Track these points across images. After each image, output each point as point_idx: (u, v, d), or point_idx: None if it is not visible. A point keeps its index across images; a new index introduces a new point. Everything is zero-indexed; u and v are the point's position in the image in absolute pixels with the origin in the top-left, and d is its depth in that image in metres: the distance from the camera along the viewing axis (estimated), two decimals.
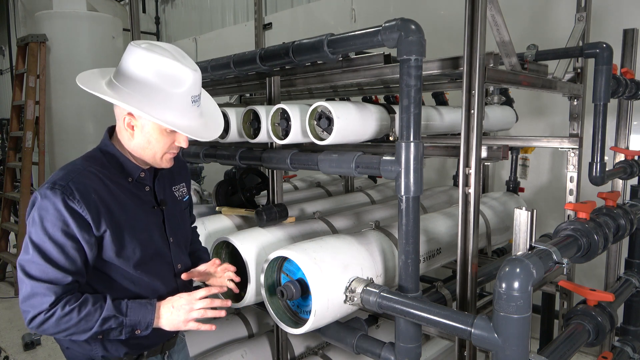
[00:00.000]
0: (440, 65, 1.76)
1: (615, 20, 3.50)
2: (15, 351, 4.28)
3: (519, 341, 1.26)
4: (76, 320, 1.40)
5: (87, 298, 1.44)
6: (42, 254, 1.40)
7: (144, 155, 1.57)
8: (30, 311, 1.39)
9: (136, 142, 1.54)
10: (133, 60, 1.48)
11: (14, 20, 10.41)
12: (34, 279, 1.39)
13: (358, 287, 1.65)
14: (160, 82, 1.47)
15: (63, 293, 1.40)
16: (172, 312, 1.52)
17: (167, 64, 1.48)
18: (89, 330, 1.42)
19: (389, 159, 1.57)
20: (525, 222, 1.50)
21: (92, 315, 1.42)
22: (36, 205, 1.44)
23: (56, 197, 1.41)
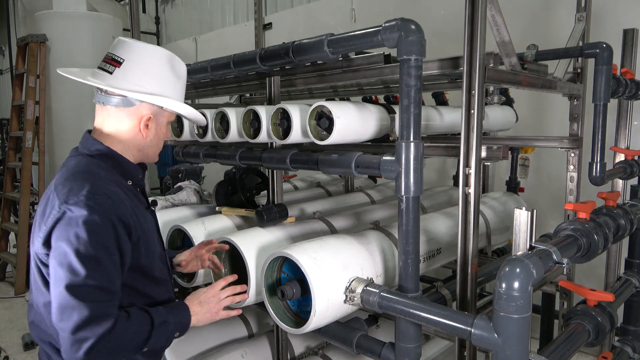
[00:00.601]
0: (440, 65, 1.76)
1: (615, 20, 3.50)
2: (15, 351, 4.28)
3: (519, 341, 1.26)
4: (133, 334, 1.34)
5: (129, 311, 1.37)
6: (98, 269, 1.28)
7: (152, 152, 1.56)
8: (89, 338, 1.25)
9: (149, 140, 1.53)
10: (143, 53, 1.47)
11: (14, 20, 10.41)
12: (92, 300, 1.26)
13: (358, 287, 1.65)
14: (175, 72, 1.50)
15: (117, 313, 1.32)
16: (202, 307, 1.55)
17: (171, 56, 1.50)
18: (142, 342, 1.37)
19: (389, 159, 1.57)
20: (525, 222, 1.50)
21: (142, 325, 1.37)
22: (73, 219, 1.29)
23: (101, 207, 1.32)
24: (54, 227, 1.32)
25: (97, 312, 1.26)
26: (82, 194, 1.32)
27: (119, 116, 1.49)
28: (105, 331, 1.26)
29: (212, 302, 1.57)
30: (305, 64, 2.03)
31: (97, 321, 1.26)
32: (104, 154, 1.49)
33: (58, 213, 1.32)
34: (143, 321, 1.37)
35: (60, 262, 1.29)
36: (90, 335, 1.25)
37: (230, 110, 2.19)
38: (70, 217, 1.30)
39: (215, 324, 2.80)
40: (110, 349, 1.29)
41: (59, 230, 1.31)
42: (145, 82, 1.47)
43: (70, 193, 1.33)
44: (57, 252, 1.30)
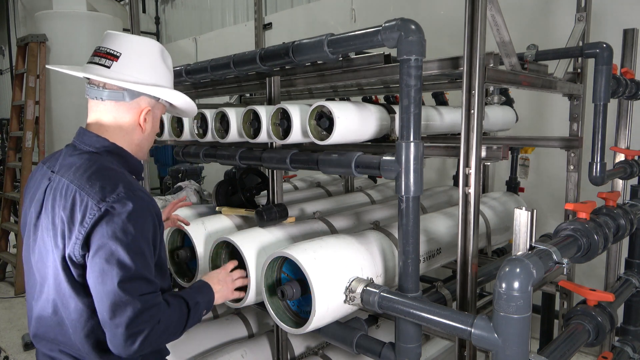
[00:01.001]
0: (440, 65, 1.76)
1: (615, 20, 3.50)
2: (15, 351, 4.28)
3: (519, 341, 1.26)
4: (176, 320, 1.41)
5: (167, 298, 1.42)
6: (144, 262, 1.32)
7: (147, 146, 1.58)
8: (144, 329, 1.29)
9: (147, 134, 1.54)
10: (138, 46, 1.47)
11: (14, 20, 10.41)
12: (142, 293, 1.30)
13: (358, 287, 1.65)
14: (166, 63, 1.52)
15: None
16: (221, 285, 1.68)
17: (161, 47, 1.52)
18: (183, 325, 1.44)
19: (389, 159, 1.57)
20: (525, 222, 1.50)
21: (182, 309, 1.44)
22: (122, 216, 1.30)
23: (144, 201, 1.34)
24: (95, 227, 1.31)
25: (147, 304, 1.31)
26: (120, 190, 1.33)
27: (119, 110, 1.48)
28: (156, 321, 1.32)
29: (227, 281, 1.72)
30: (305, 64, 2.03)
31: (149, 312, 1.31)
32: (110, 150, 1.47)
33: (98, 212, 1.31)
34: (181, 305, 1.44)
35: (108, 260, 1.29)
36: (145, 327, 1.29)
37: (230, 110, 2.19)
38: (114, 214, 1.30)
39: (215, 324, 2.82)
40: (160, 336, 1.35)
41: (103, 228, 1.30)
42: (145, 75, 1.48)
43: (104, 191, 1.32)
44: (104, 250, 1.29)
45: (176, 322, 1.41)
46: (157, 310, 1.33)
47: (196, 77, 2.47)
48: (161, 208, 2.71)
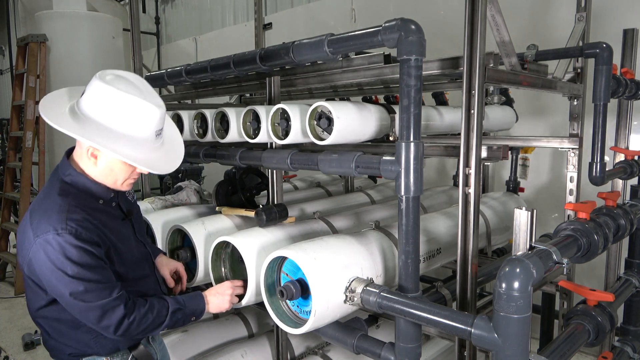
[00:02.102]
0: (440, 65, 1.76)
1: (615, 20, 3.50)
2: (15, 351, 4.28)
3: (519, 341, 1.26)
4: (151, 320, 1.62)
5: (152, 300, 1.65)
6: (90, 281, 1.51)
7: (106, 181, 1.64)
8: (111, 325, 1.55)
9: (99, 170, 1.61)
10: (98, 94, 1.51)
11: (14, 20, 10.40)
12: (97, 301, 1.52)
13: (358, 287, 1.65)
14: (124, 119, 1.52)
15: (126, 299, 1.58)
16: (217, 297, 1.83)
17: (133, 101, 1.52)
18: (161, 324, 1.66)
19: (389, 159, 1.57)
20: (525, 222, 1.50)
21: (161, 311, 1.65)
22: (53, 252, 1.49)
23: (67, 239, 1.49)
24: (32, 259, 1.53)
25: (105, 308, 1.53)
26: (50, 228, 1.49)
27: (78, 141, 1.61)
28: (121, 316, 1.55)
29: (225, 295, 1.85)
30: (305, 64, 2.03)
31: (109, 313, 1.54)
32: (72, 180, 1.62)
33: (32, 246, 1.51)
34: (160, 309, 1.65)
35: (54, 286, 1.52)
36: (111, 324, 1.55)
37: (230, 110, 2.19)
38: (45, 251, 1.49)
39: (216, 324, 2.82)
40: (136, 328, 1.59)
41: (40, 261, 1.51)
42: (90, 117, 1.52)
43: (39, 226, 1.51)
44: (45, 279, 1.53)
45: (152, 321, 1.63)
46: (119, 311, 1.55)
47: (196, 77, 2.47)
48: (161, 208, 2.73)
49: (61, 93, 1.66)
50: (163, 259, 2.08)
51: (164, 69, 2.71)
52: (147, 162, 1.58)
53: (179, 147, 1.80)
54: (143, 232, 1.93)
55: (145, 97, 1.55)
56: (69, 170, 1.62)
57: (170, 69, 2.64)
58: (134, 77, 1.60)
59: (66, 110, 1.56)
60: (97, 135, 1.50)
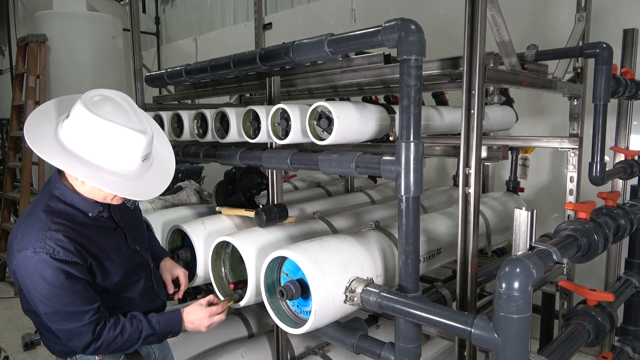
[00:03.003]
0: (440, 65, 1.76)
1: (615, 20, 3.50)
2: (15, 351, 4.28)
3: (519, 341, 1.26)
4: (121, 343, 1.63)
5: (125, 323, 1.64)
6: (61, 304, 1.52)
7: (95, 197, 1.64)
8: (78, 347, 1.59)
9: (87, 188, 1.61)
10: (82, 124, 1.48)
11: (14, 20, 10.39)
12: (66, 325, 1.55)
13: (358, 287, 1.65)
14: (109, 154, 1.50)
15: (97, 323, 1.58)
16: (194, 324, 1.79)
17: (118, 133, 1.48)
18: (133, 346, 1.67)
19: (389, 159, 1.57)
20: (525, 222, 1.50)
21: (133, 335, 1.65)
22: (29, 269, 1.50)
23: (43, 258, 1.49)
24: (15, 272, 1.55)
25: (73, 333, 1.57)
26: (29, 246, 1.50)
27: None
28: (87, 342, 1.57)
29: (203, 324, 1.81)
30: (305, 64, 2.03)
31: (76, 338, 1.57)
32: (60, 195, 1.62)
33: (15, 262, 1.54)
34: (131, 332, 1.64)
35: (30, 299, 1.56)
36: (78, 345, 1.59)
37: (230, 110, 2.19)
38: (23, 267, 1.51)
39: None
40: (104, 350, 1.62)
41: (19, 277, 1.54)
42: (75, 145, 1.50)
43: (21, 243, 1.53)
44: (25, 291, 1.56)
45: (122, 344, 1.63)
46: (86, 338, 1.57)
47: (196, 77, 2.47)
48: (161, 208, 2.73)
49: (48, 108, 1.62)
50: (167, 262, 2.06)
51: (164, 69, 2.71)
52: (131, 190, 1.55)
53: (168, 167, 1.74)
54: (140, 239, 1.88)
55: (131, 123, 1.50)
56: (58, 184, 1.63)
57: (170, 69, 2.64)
58: (121, 97, 1.56)
59: (51, 133, 1.53)
60: (80, 164, 1.49)
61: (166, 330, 1.73)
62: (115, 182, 1.52)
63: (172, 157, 1.79)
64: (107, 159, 1.50)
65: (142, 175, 1.59)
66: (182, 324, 1.78)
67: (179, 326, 1.77)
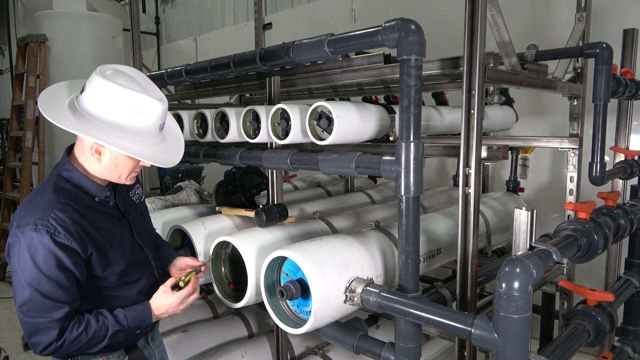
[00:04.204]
0: (440, 65, 1.76)
1: (615, 20, 3.50)
2: (15, 351, 4.28)
3: (519, 341, 1.26)
4: (85, 341, 1.53)
5: (89, 320, 1.55)
6: (39, 293, 1.46)
7: (110, 176, 1.63)
8: (39, 344, 1.49)
9: (103, 165, 1.59)
10: (100, 91, 1.50)
11: (14, 20, 10.39)
12: (35, 317, 1.47)
13: (358, 287, 1.65)
14: (127, 114, 1.51)
15: (64, 322, 1.50)
16: (168, 309, 1.68)
17: (135, 97, 1.51)
18: (98, 344, 1.56)
19: (389, 159, 1.57)
20: (525, 222, 1.50)
21: (98, 333, 1.55)
22: (22, 247, 1.46)
23: (43, 236, 1.46)
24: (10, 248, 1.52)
25: (39, 327, 1.48)
26: (29, 222, 1.47)
27: (80, 138, 1.59)
28: (51, 341, 1.48)
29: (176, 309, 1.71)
30: (305, 64, 2.02)
31: (41, 333, 1.48)
32: (69, 177, 1.61)
33: (11, 238, 1.51)
34: (97, 330, 1.55)
35: (13, 284, 1.52)
36: (39, 343, 1.49)
37: (230, 110, 2.19)
38: (18, 244, 1.47)
39: (216, 324, 2.82)
40: (65, 350, 1.51)
41: (11, 253, 1.51)
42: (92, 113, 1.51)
43: (21, 219, 1.50)
44: (13, 272, 1.51)
45: (86, 342, 1.53)
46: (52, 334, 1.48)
47: (196, 77, 2.47)
48: (161, 208, 2.73)
49: (59, 87, 1.64)
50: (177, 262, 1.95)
51: (164, 69, 2.71)
52: (151, 155, 1.57)
53: (179, 141, 1.77)
54: (145, 235, 1.84)
55: (147, 91, 1.54)
56: (66, 166, 1.61)
57: (170, 69, 2.64)
58: (133, 71, 1.59)
59: (66, 107, 1.55)
60: (100, 132, 1.49)
61: (135, 325, 1.63)
62: (135, 148, 1.54)
63: (181, 134, 1.82)
64: (127, 125, 1.52)
65: (159, 144, 1.62)
66: (152, 315, 1.67)
67: (148, 320, 1.66)
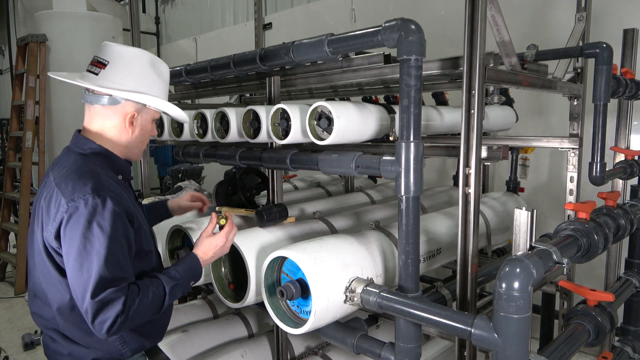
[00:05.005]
0: (440, 65, 1.75)
1: (615, 20, 3.51)
2: (15, 351, 4.28)
3: (519, 341, 1.26)
4: (148, 306, 1.48)
5: (143, 285, 1.49)
6: (109, 259, 1.40)
7: (137, 149, 1.66)
8: (106, 321, 1.40)
9: (135, 137, 1.63)
10: (125, 55, 1.57)
11: (14, 20, 10.40)
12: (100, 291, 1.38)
13: (358, 287, 1.65)
14: (155, 73, 1.60)
15: (126, 293, 1.43)
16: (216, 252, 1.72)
17: (152, 57, 1.60)
18: (161, 305, 1.52)
19: (389, 159, 1.57)
20: (525, 222, 1.50)
21: (157, 292, 1.51)
22: (83, 215, 1.41)
23: (107, 203, 1.43)
24: (62, 223, 1.44)
25: (108, 298, 1.39)
26: (87, 190, 1.44)
27: (106, 114, 1.60)
28: (118, 312, 1.39)
29: (223, 248, 1.75)
30: (305, 64, 2.03)
31: (110, 305, 1.39)
32: (96, 152, 1.59)
33: (67, 210, 1.43)
34: (155, 292, 1.50)
35: (75, 257, 1.41)
36: (107, 317, 1.39)
37: (230, 110, 2.19)
38: (79, 214, 1.42)
39: (216, 324, 2.81)
40: (129, 321, 1.43)
41: (70, 226, 1.42)
42: (128, 82, 1.58)
43: (74, 190, 1.44)
44: (72, 246, 1.42)
45: (147, 307, 1.48)
46: (117, 304, 1.40)
47: (196, 77, 2.47)
48: None
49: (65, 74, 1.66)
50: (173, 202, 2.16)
51: None
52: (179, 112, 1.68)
53: None
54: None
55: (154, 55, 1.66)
56: (88, 144, 1.59)
57: (170, 69, 2.63)
58: None
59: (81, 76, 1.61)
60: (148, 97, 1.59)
61: (189, 276, 1.62)
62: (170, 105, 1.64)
63: None
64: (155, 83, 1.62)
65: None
66: (200, 262, 1.68)
67: (199, 267, 1.67)
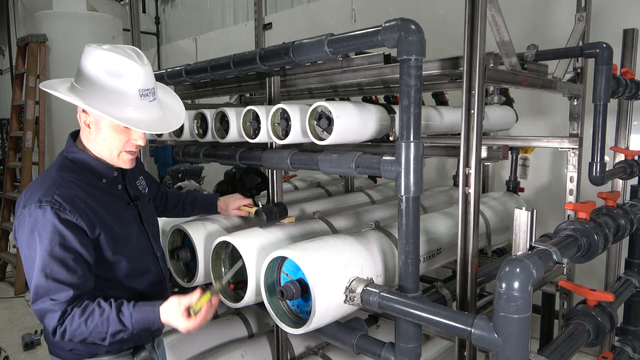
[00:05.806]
0: (440, 65, 1.75)
1: (615, 20, 3.51)
2: (15, 351, 4.28)
3: (519, 341, 1.26)
4: (87, 334, 1.47)
5: (94, 311, 1.47)
6: (44, 273, 1.44)
7: (102, 153, 1.62)
8: (47, 328, 1.47)
9: (92, 139, 1.61)
10: (84, 59, 1.56)
11: (14, 20, 10.40)
12: (41, 299, 1.44)
13: (358, 287, 1.65)
14: (107, 77, 1.53)
15: (68, 306, 1.46)
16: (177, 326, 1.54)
17: (113, 58, 1.53)
18: (102, 340, 1.49)
19: (389, 159, 1.57)
20: (525, 222, 1.50)
21: (98, 330, 1.47)
22: (27, 224, 1.46)
23: (47, 213, 1.45)
24: (16, 230, 1.52)
25: (45, 309, 1.45)
26: (34, 200, 1.47)
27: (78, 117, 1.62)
28: (55, 325, 1.45)
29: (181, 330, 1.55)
30: (305, 64, 2.03)
31: (47, 315, 1.45)
32: (75, 158, 1.62)
33: (18, 217, 1.51)
34: (98, 324, 1.47)
35: (24, 262, 1.51)
36: (48, 325, 1.46)
37: (230, 110, 2.19)
38: (25, 222, 1.47)
39: (216, 324, 2.82)
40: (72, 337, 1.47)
41: (19, 232, 1.50)
42: (80, 83, 1.56)
43: (28, 198, 1.50)
44: (21, 251, 1.51)
45: (88, 334, 1.47)
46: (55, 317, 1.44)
47: (196, 77, 2.47)
48: None
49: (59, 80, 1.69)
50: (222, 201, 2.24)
51: (164, 69, 2.71)
52: (133, 121, 1.53)
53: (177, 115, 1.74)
54: (152, 226, 1.85)
55: (127, 56, 1.54)
56: (72, 148, 1.63)
57: (170, 69, 2.63)
58: (126, 46, 1.60)
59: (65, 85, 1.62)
60: (85, 97, 1.53)
61: (140, 327, 1.51)
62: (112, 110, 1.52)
63: (181, 109, 1.79)
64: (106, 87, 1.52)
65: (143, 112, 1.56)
66: (159, 322, 1.53)
67: (155, 325, 1.53)
